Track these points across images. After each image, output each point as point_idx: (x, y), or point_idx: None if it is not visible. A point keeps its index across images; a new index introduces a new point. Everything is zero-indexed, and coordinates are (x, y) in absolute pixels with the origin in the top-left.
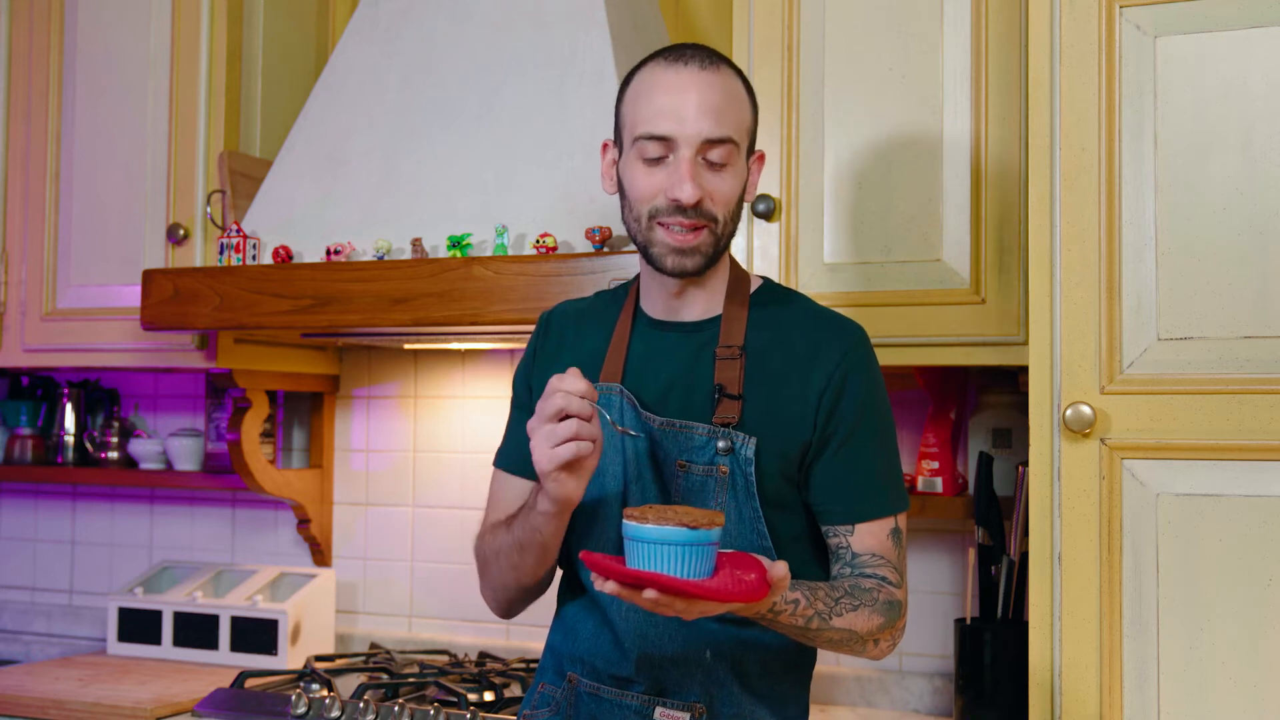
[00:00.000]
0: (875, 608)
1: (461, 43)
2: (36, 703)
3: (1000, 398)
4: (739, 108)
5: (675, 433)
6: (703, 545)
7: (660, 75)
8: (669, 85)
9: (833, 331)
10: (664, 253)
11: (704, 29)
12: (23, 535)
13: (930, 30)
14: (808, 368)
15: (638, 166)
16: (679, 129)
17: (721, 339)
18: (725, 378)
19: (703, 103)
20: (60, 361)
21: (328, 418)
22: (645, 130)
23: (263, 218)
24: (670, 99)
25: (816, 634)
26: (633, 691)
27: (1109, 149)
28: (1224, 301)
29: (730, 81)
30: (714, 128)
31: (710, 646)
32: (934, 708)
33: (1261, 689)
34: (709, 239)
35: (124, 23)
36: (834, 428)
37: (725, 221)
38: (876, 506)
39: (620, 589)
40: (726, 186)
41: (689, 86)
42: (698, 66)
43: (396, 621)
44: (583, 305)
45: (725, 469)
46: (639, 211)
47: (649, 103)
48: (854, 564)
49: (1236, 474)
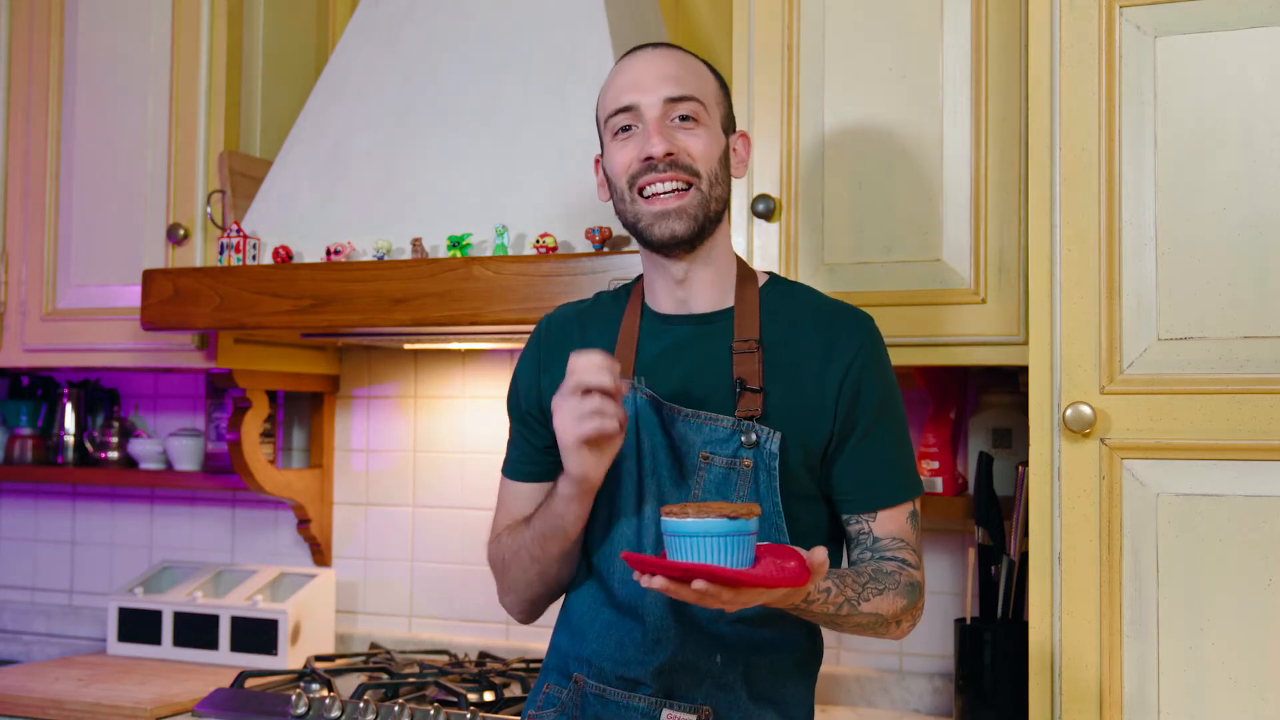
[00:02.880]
0: (899, 590)
1: (461, 43)
2: (36, 703)
3: (1000, 398)
4: (699, 76)
5: (700, 424)
6: (744, 535)
7: (620, 65)
8: (628, 67)
9: (847, 322)
10: (650, 222)
11: (704, 29)
12: (23, 535)
13: (930, 30)
14: (825, 360)
15: (612, 146)
16: (640, 95)
17: (737, 332)
18: (745, 371)
19: (660, 71)
20: (60, 361)
21: (328, 418)
22: (611, 108)
23: (263, 218)
24: (629, 76)
25: (846, 619)
26: (639, 694)
27: (1109, 149)
28: (1224, 301)
29: (689, 58)
30: (675, 88)
31: (721, 651)
32: (934, 708)
33: (1261, 689)
34: (695, 198)
35: (124, 23)
36: (855, 419)
37: (710, 181)
38: (897, 493)
39: (668, 584)
40: (700, 143)
41: (646, 62)
42: (651, 48)
43: (396, 621)
44: (583, 307)
45: (749, 462)
46: (621, 189)
47: (611, 87)
48: (875, 548)
49: (1236, 474)
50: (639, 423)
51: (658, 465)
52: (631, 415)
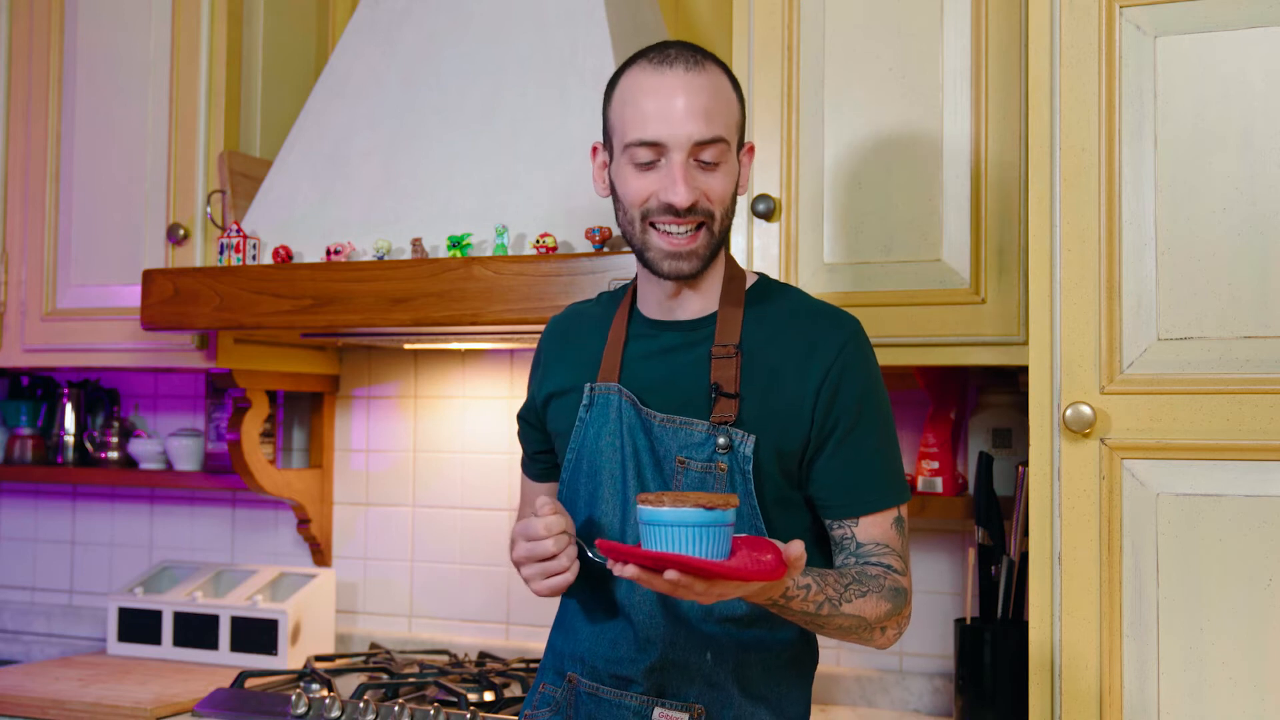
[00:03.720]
0: (882, 594)
1: (461, 43)
2: (36, 703)
3: (1000, 398)
4: (727, 105)
5: (675, 429)
6: (719, 526)
7: (646, 79)
8: (655, 89)
9: (828, 325)
10: (659, 257)
11: (704, 29)
12: (23, 535)
13: (930, 30)
14: (804, 363)
15: (629, 171)
16: (669, 133)
17: (717, 338)
18: (721, 376)
19: (691, 105)
20: (60, 361)
21: (328, 418)
22: (635, 137)
23: (263, 218)
24: (657, 103)
25: (827, 620)
26: (631, 692)
27: (1109, 149)
28: (1224, 301)
29: (716, 79)
30: (704, 129)
31: (711, 649)
32: (934, 708)
33: (1261, 689)
34: (706, 239)
35: (124, 23)
36: (833, 422)
37: (721, 218)
38: (879, 499)
39: (640, 573)
40: (720, 185)
41: (676, 89)
42: (683, 68)
43: (396, 621)
44: (584, 308)
45: (724, 466)
46: (632, 215)
47: (636, 109)
48: (858, 553)
49: (1236, 474)
50: (622, 426)
51: (640, 468)
52: (615, 419)
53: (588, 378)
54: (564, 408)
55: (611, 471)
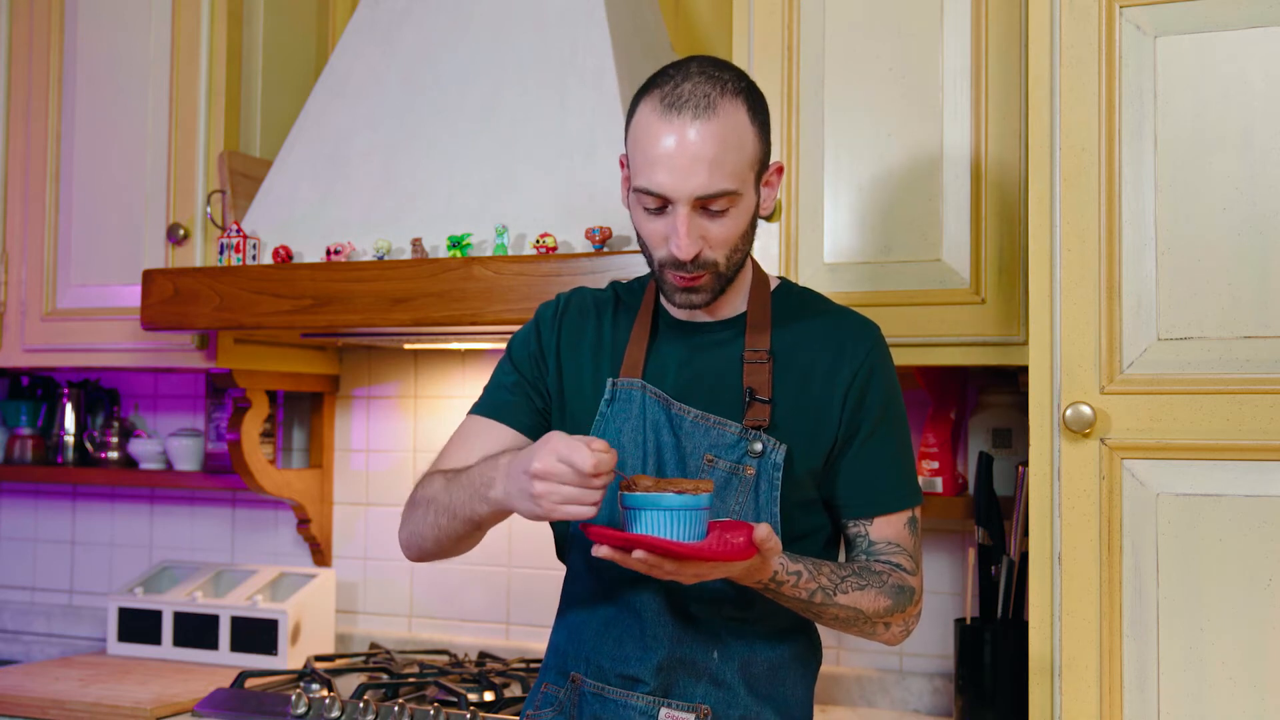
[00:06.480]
0: (884, 590)
1: (461, 43)
2: (36, 703)
3: (1000, 398)
4: (738, 150)
5: (708, 428)
6: (692, 510)
7: (655, 124)
8: (662, 136)
9: (854, 331)
10: (671, 291)
11: (704, 29)
12: (23, 535)
13: (930, 30)
14: (833, 368)
15: (640, 211)
16: (671, 187)
17: (749, 342)
18: (755, 381)
19: (697, 158)
20: (60, 361)
21: (328, 418)
22: (642, 184)
23: (263, 218)
24: (664, 154)
25: (821, 609)
26: (638, 692)
27: (1109, 149)
28: (1224, 301)
29: (728, 121)
30: (706, 184)
31: (717, 647)
32: (934, 708)
33: (1261, 689)
34: (711, 281)
35: (124, 23)
36: (858, 424)
37: (730, 256)
38: (896, 500)
39: (613, 553)
40: (726, 230)
41: (682, 141)
42: (691, 114)
43: (396, 621)
44: (602, 295)
45: (752, 470)
46: (646, 252)
47: (644, 154)
48: (870, 551)
49: (1236, 474)
50: (645, 422)
51: (662, 465)
52: (638, 414)
53: (607, 370)
54: (581, 398)
55: (633, 467)
